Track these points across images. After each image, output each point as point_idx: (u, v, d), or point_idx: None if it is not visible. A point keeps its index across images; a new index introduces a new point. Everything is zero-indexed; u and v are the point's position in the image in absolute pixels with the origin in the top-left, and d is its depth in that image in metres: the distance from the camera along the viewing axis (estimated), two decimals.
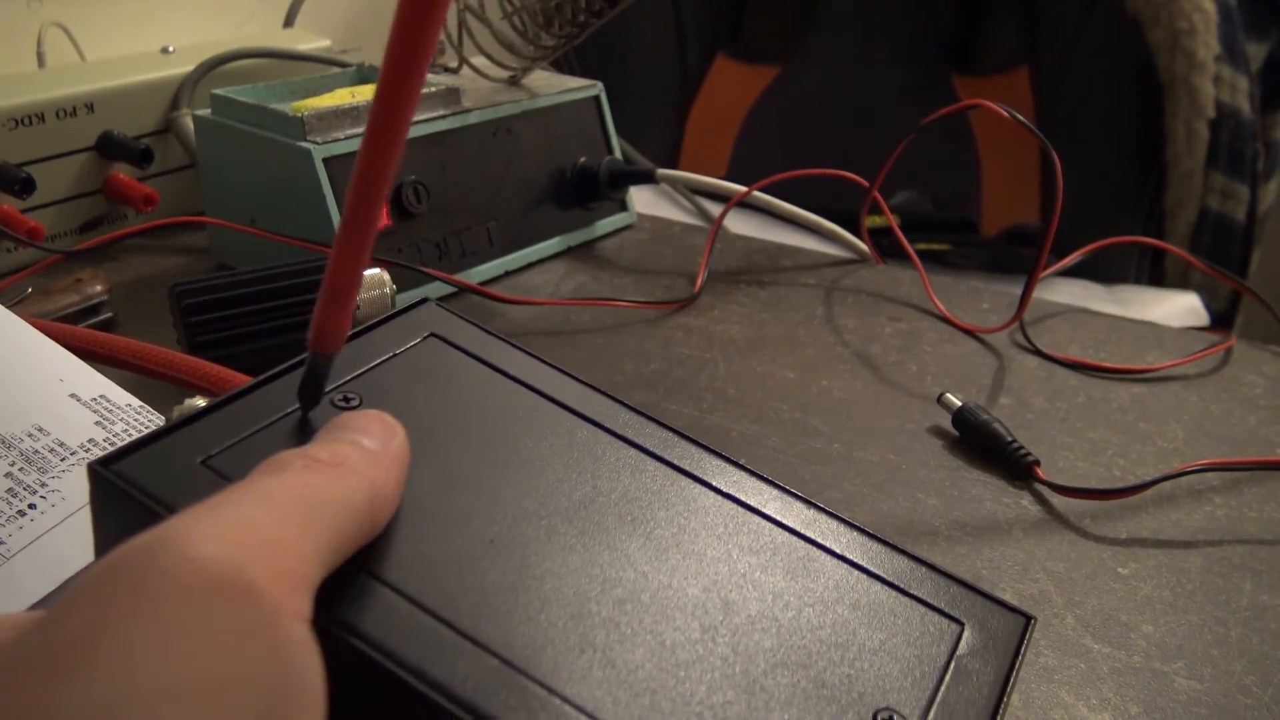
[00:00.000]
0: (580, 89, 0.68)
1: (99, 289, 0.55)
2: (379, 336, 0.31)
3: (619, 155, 0.70)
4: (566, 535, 0.26)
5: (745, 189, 0.66)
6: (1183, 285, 0.95)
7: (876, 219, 0.70)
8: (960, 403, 0.49)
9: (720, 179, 0.69)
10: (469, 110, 0.61)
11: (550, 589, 0.24)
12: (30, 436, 0.36)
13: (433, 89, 0.60)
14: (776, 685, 0.24)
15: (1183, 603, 0.39)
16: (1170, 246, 0.83)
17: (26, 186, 0.59)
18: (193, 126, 0.64)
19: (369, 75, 0.66)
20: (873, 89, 1.10)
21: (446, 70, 0.70)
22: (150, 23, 0.83)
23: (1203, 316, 0.88)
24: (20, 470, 0.35)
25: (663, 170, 0.68)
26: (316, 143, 0.54)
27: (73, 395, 0.38)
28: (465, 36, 0.66)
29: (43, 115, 0.61)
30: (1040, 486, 0.45)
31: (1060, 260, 0.66)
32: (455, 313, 0.33)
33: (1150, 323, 0.62)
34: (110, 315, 0.55)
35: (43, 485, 0.34)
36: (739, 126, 1.14)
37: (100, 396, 0.39)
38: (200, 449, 0.25)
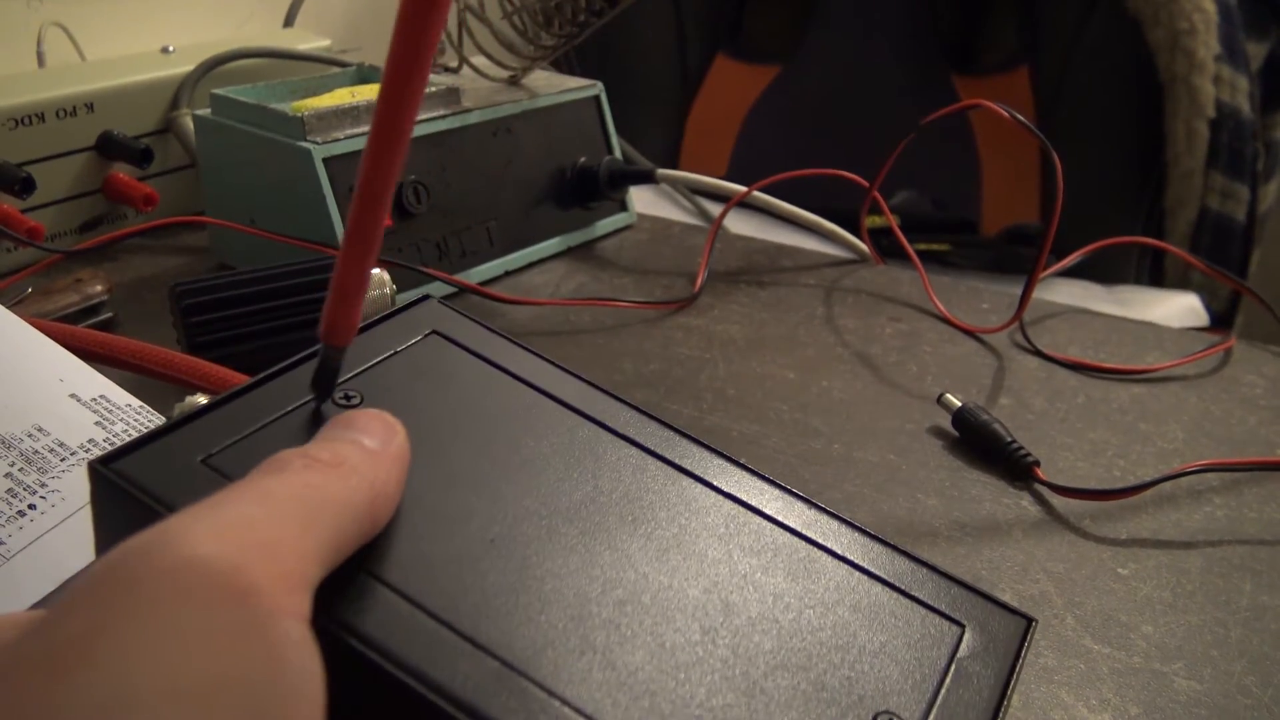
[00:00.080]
0: (580, 89, 0.68)
1: (99, 289, 0.55)
2: (380, 334, 0.31)
3: (619, 155, 0.70)
4: (567, 535, 0.26)
5: (745, 189, 0.66)
6: (1183, 286, 0.95)
7: (876, 219, 0.70)
8: (960, 403, 0.49)
9: (720, 179, 0.68)
10: (469, 110, 0.61)
11: (551, 589, 0.24)
12: (30, 437, 0.36)
13: (433, 89, 0.60)
14: (777, 687, 0.24)
15: (1182, 603, 0.39)
16: (1170, 247, 0.83)
17: (26, 186, 0.59)
18: (193, 126, 0.64)
19: (369, 75, 0.66)
20: (873, 89, 1.10)
21: (447, 70, 0.70)
22: (150, 22, 0.83)
23: (1202, 317, 0.88)
24: (20, 470, 0.35)
25: (663, 170, 0.68)
26: (316, 143, 0.54)
27: (73, 395, 0.38)
28: (465, 36, 0.66)
29: (43, 115, 0.61)
30: (1040, 487, 0.45)
31: (1060, 260, 0.66)
32: (457, 310, 0.33)
33: (1150, 323, 0.62)
34: (110, 315, 0.55)
35: (43, 485, 0.34)
36: (739, 126, 1.14)
37: (100, 397, 0.39)
38: (200, 448, 0.25)
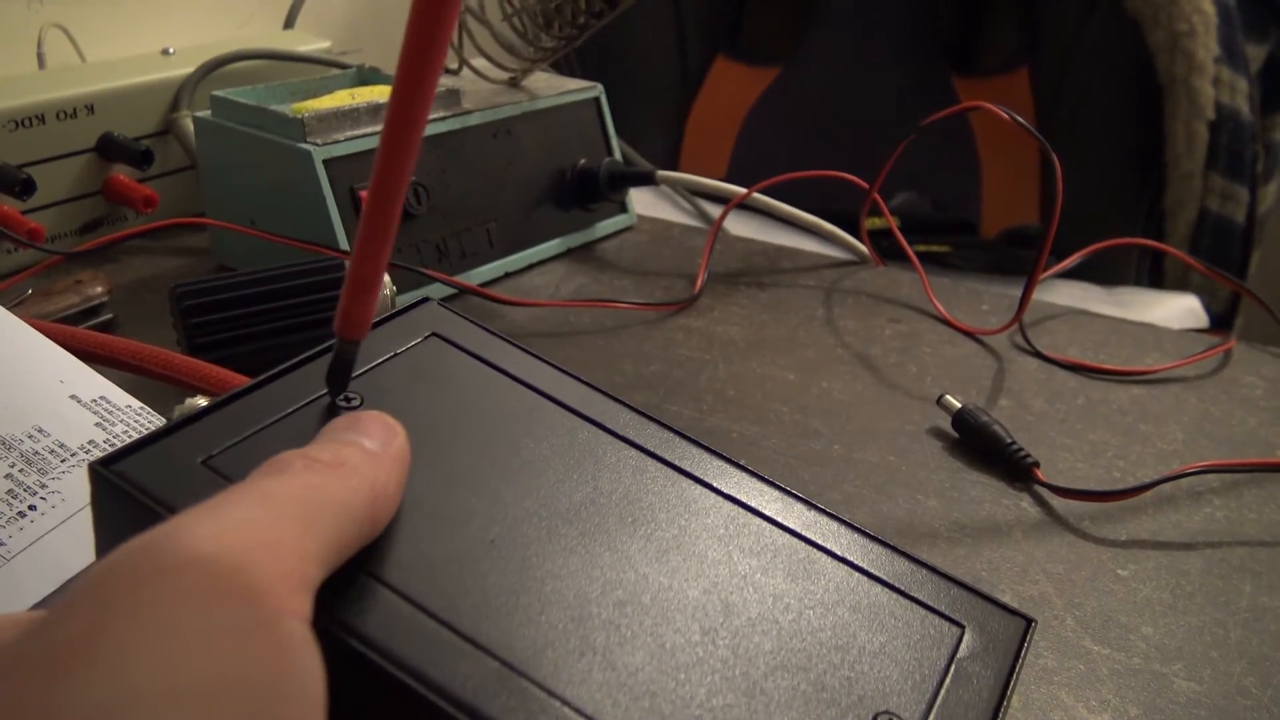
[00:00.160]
0: (580, 90, 0.68)
1: (99, 290, 0.55)
2: (380, 336, 0.31)
3: (619, 157, 0.70)
4: (567, 536, 0.26)
5: (745, 191, 0.66)
6: (1182, 287, 0.95)
7: (876, 220, 0.70)
8: (960, 404, 0.49)
9: (720, 180, 0.69)
10: (469, 112, 0.61)
11: (551, 590, 0.24)
12: (30, 438, 0.36)
13: None
14: (776, 688, 0.24)
15: (1182, 604, 0.39)
16: (1170, 248, 0.83)
17: (27, 188, 0.59)
18: (193, 128, 0.64)
19: (369, 77, 0.66)
20: (873, 90, 1.10)
21: (447, 72, 0.70)
22: (150, 24, 0.83)
23: (1202, 318, 0.88)
24: (20, 471, 0.35)
25: (662, 172, 0.68)
26: (317, 144, 0.54)
27: (73, 397, 0.38)
28: (465, 38, 0.66)
29: (43, 117, 0.61)
30: (1040, 488, 0.45)
31: (1060, 262, 0.66)
32: (457, 312, 0.33)
33: (1150, 324, 0.62)
34: (110, 316, 0.55)
35: (43, 486, 0.34)
36: (739, 127, 1.14)
37: (100, 398, 0.39)
38: (201, 449, 0.25)
